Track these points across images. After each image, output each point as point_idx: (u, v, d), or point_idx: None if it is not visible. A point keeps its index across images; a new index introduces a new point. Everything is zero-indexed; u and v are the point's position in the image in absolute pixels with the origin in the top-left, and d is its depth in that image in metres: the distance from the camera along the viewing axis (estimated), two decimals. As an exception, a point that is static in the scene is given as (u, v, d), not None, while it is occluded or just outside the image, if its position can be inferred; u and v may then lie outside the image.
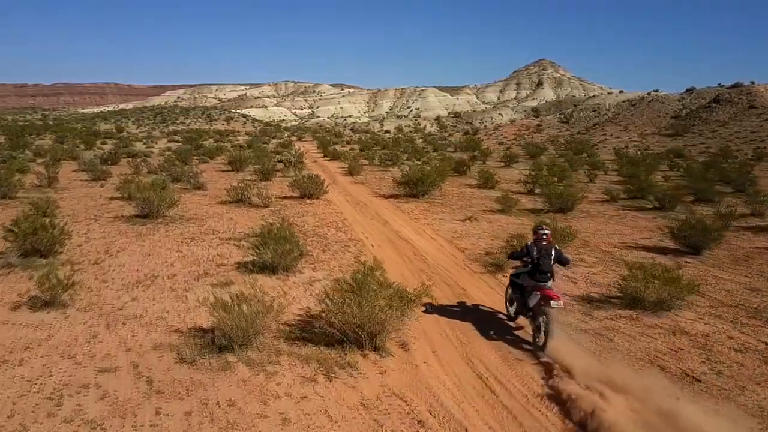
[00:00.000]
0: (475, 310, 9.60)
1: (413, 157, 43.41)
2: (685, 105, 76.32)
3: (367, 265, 8.25)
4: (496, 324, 8.93)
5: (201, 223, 16.40)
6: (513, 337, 8.45)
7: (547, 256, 8.25)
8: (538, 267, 8.25)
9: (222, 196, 21.58)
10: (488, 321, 9.04)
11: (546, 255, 8.25)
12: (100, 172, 25.52)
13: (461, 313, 9.36)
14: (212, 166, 34.21)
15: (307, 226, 16.51)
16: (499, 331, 8.63)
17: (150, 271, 11.22)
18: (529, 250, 8.34)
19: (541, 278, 8.25)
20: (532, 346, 8.00)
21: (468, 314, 9.30)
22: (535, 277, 8.29)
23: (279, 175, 28.97)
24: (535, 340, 8.01)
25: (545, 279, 8.28)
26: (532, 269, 8.35)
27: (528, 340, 8.24)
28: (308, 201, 21.06)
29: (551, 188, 21.09)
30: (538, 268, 8.25)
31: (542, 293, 7.99)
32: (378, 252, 13.50)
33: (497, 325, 8.90)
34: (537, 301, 8.03)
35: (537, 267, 8.26)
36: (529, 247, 8.38)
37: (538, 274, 8.26)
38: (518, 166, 39.19)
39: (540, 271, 8.24)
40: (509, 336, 8.46)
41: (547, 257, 8.25)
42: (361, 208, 20.44)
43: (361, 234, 15.65)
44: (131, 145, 49.11)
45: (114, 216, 17.00)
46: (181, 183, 24.71)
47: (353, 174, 31.54)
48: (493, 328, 8.68)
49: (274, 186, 24.96)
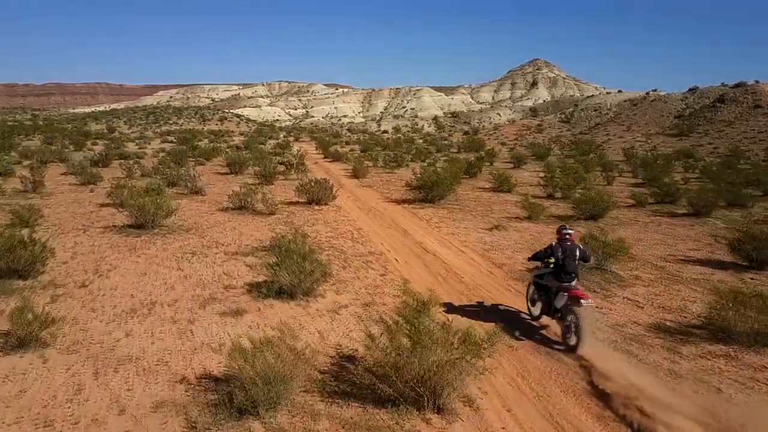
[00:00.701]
0: (537, 346, 8.04)
1: (417, 158, 41.85)
2: (689, 105, 75.13)
3: (418, 298, 6.64)
4: (570, 366, 7.36)
5: (202, 234, 14.75)
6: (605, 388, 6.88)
7: (572, 256, 8.14)
8: (563, 268, 8.12)
9: (222, 201, 19.95)
10: (561, 361, 7.48)
11: (571, 255, 8.15)
12: (89, 176, 23.78)
13: (526, 352, 7.80)
14: (209, 168, 32.50)
15: (320, 236, 14.91)
16: (580, 375, 7.08)
17: (147, 295, 9.59)
18: (554, 251, 8.20)
19: (566, 279, 8.15)
20: (563, 346, 7.82)
21: (535, 354, 7.74)
22: (560, 278, 8.17)
23: (281, 178, 27.36)
24: (566, 340, 7.85)
25: (570, 279, 8.17)
26: (556, 270, 8.20)
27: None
28: (316, 207, 19.46)
29: (582, 193, 19.57)
30: (563, 268, 8.12)
31: (570, 293, 7.88)
32: (405, 269, 11.92)
33: (571, 367, 7.34)
34: (565, 302, 7.91)
35: (562, 268, 8.13)
36: (553, 248, 8.23)
37: (563, 274, 8.14)
38: (528, 167, 37.75)
39: (565, 271, 8.13)
40: (597, 384, 6.87)
41: (572, 258, 8.14)
42: (375, 215, 18.86)
43: (381, 246, 14.06)
44: (123, 146, 47.22)
45: (104, 226, 15.32)
46: (178, 187, 23.04)
47: (359, 177, 29.95)
48: (569, 372, 7.13)
49: (277, 190, 23.34)
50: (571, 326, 7.72)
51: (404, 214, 19.07)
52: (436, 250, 13.79)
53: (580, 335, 7.52)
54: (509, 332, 8.17)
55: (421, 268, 12.10)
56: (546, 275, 8.47)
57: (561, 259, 8.12)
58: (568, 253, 8.14)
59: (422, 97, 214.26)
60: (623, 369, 7.01)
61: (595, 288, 10.67)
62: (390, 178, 30.35)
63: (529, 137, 78.16)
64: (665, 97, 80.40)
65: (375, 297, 9.82)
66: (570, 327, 7.74)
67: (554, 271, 8.25)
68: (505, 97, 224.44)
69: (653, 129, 69.26)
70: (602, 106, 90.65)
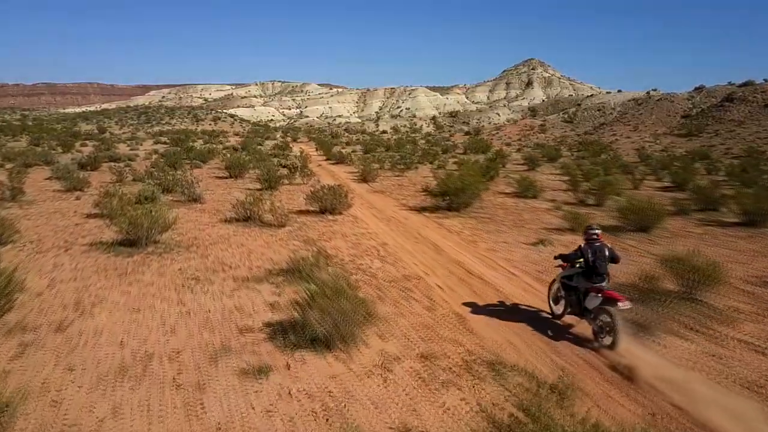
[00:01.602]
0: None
1: (425, 160, 39.84)
2: (695, 104, 73.52)
3: (544, 382, 4.61)
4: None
5: (204, 252, 12.65)
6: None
7: (602, 257, 8.06)
8: (594, 269, 8.02)
9: (224, 210, 17.86)
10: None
11: (601, 256, 8.06)
12: (75, 181, 21.58)
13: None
14: (206, 172, 30.34)
15: (342, 254, 12.86)
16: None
17: (141, 343, 7.50)
18: (584, 252, 8.11)
19: (598, 279, 8.06)
20: (597, 345, 7.75)
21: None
22: (591, 279, 8.08)
23: (285, 183, 25.25)
24: (599, 340, 7.78)
25: (601, 280, 8.07)
26: (587, 271, 8.11)
27: None
28: (330, 217, 17.39)
29: (627, 201, 17.61)
30: (594, 270, 8.03)
31: (605, 294, 7.79)
32: (454, 300, 9.88)
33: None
34: (599, 303, 7.84)
35: (593, 269, 8.03)
36: (583, 250, 8.13)
37: (594, 276, 8.06)
38: (542, 169, 35.82)
39: (596, 273, 8.05)
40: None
41: (602, 259, 8.06)
42: (397, 226, 16.83)
43: (415, 267, 12.02)
44: (114, 147, 44.82)
45: (90, 243, 13.18)
46: (173, 194, 20.90)
47: (368, 181, 27.91)
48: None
49: (283, 196, 21.26)
50: (604, 327, 7.69)
51: (429, 225, 17.04)
52: (482, 272, 11.75)
53: (615, 336, 7.45)
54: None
55: (472, 297, 10.06)
56: (575, 276, 8.32)
57: (592, 260, 8.00)
58: (599, 254, 8.02)
59: (417, 96, 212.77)
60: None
61: (692, 325, 8.69)
62: (401, 182, 28.33)
63: (533, 137, 76.31)
64: (671, 96, 78.72)
65: (431, 344, 7.78)
66: (603, 327, 7.70)
67: (584, 272, 8.13)
68: (500, 97, 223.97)
69: (660, 129, 67.59)
70: (606, 106, 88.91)
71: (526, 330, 8.45)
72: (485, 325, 8.55)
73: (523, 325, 8.67)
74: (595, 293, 7.90)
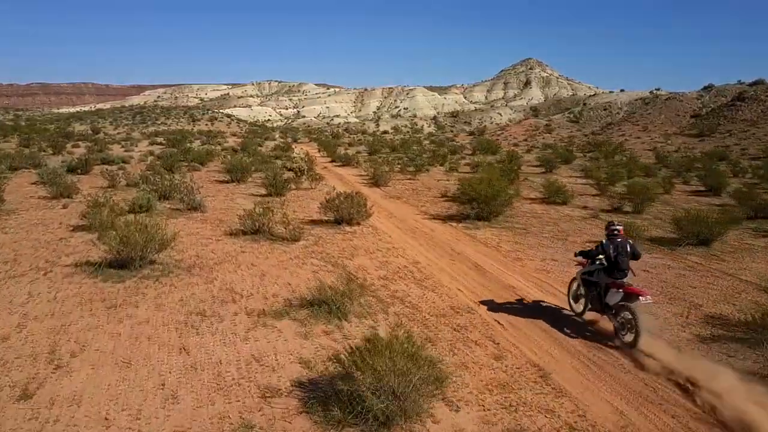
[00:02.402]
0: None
1: (435, 161, 37.96)
2: (705, 103, 71.75)
3: None
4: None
5: (209, 275, 10.73)
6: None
7: (624, 253, 7.97)
8: (616, 265, 7.95)
9: (228, 220, 15.95)
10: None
11: (623, 252, 7.97)
12: (63, 187, 19.58)
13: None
14: (205, 175, 28.36)
15: (370, 276, 10.97)
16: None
17: (131, 420, 5.59)
18: (605, 248, 8.01)
19: (619, 275, 7.96)
20: (618, 342, 7.61)
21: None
22: (612, 275, 7.97)
23: (292, 188, 23.30)
24: (620, 336, 7.67)
25: (623, 276, 7.98)
26: (609, 267, 8.03)
27: None
28: (348, 229, 15.49)
29: (687, 210, 15.74)
30: (616, 266, 7.95)
31: (626, 290, 7.77)
32: (522, 341, 7.98)
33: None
34: (620, 299, 7.79)
35: (615, 265, 7.96)
36: (604, 246, 8.04)
37: (616, 271, 7.96)
38: (560, 171, 33.96)
39: (618, 268, 7.94)
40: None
41: (624, 254, 7.97)
42: (424, 239, 14.94)
43: (461, 294, 10.12)
44: (107, 148, 42.68)
45: (75, 263, 11.23)
46: (171, 201, 18.96)
47: (380, 185, 26.00)
48: None
49: (292, 203, 19.35)
50: (625, 323, 7.61)
51: (460, 238, 15.16)
52: (544, 300, 9.86)
53: (637, 333, 7.34)
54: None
55: (546, 340, 8.14)
56: (596, 272, 8.25)
57: (614, 256, 7.94)
58: (621, 250, 7.97)
59: (415, 96, 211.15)
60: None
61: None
62: (415, 186, 26.44)
63: (540, 138, 74.42)
64: (680, 95, 76.91)
65: (516, 415, 5.89)
66: (624, 324, 7.63)
67: (606, 268, 8.05)
68: (498, 96, 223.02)
69: (670, 129, 65.84)
70: (612, 105, 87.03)
71: (634, 384, 6.57)
72: (579, 384, 6.66)
73: (629, 378, 6.78)
74: (616, 289, 7.85)
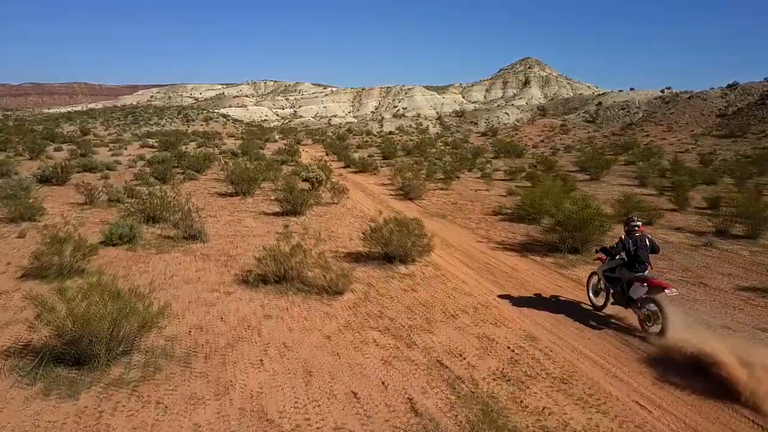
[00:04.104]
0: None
1: (462, 166, 33.77)
2: (730, 102, 67.98)
3: None
4: None
5: (220, 374, 6.55)
6: None
7: (643, 247, 8.18)
8: (636, 259, 8.14)
9: (237, 254, 11.81)
10: None
11: (642, 246, 8.18)
12: (24, 207, 15.34)
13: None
14: (204, 185, 24.16)
15: (475, 372, 6.83)
16: None
17: None
18: (625, 244, 8.23)
19: (640, 269, 8.16)
20: (645, 334, 7.77)
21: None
22: (633, 269, 8.18)
23: (310, 202, 19.10)
24: (645, 327, 7.88)
25: (644, 269, 8.16)
26: (629, 262, 8.21)
27: None
28: (402, 269, 11.33)
29: None
30: (636, 259, 8.14)
31: (650, 283, 7.88)
32: None
33: None
34: (644, 292, 7.92)
35: (636, 259, 8.14)
36: (624, 241, 8.25)
37: (636, 265, 8.18)
38: (609, 179, 29.83)
39: (638, 262, 8.16)
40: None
41: (644, 248, 8.18)
42: (510, 284, 10.78)
43: (663, 426, 6.01)
44: (92, 152, 38.19)
45: (7, 350, 7.02)
46: (163, 224, 14.77)
47: (412, 198, 21.85)
48: None
49: (315, 225, 15.22)
50: (651, 315, 7.76)
51: (560, 282, 11.03)
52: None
53: (665, 323, 7.44)
54: None
55: None
56: (617, 267, 8.40)
57: (633, 250, 8.13)
58: (640, 244, 8.14)
59: (414, 96, 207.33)
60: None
61: None
62: (453, 199, 22.31)
63: (557, 139, 70.40)
64: (703, 94, 72.98)
65: None
66: (650, 316, 7.78)
67: (627, 263, 8.22)
68: (497, 96, 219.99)
69: (696, 129, 62.01)
70: (630, 105, 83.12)
71: None
72: None
73: None
74: (639, 283, 7.97)
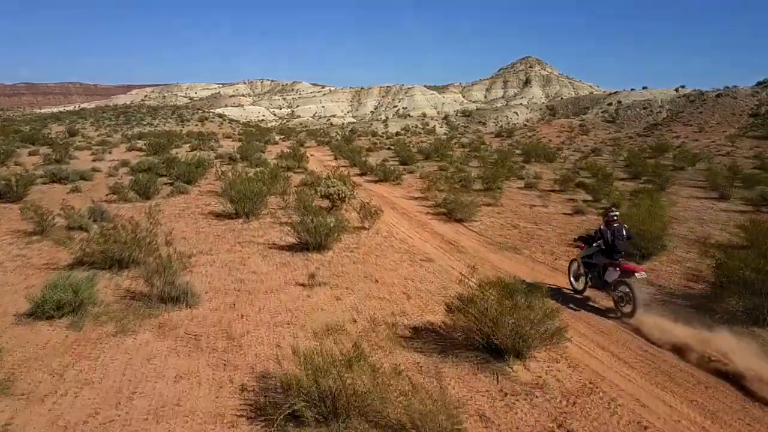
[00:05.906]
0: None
1: (500, 173, 29.09)
2: (762, 101, 63.92)
3: None
4: None
5: None
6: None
7: (621, 236, 8.85)
8: (613, 247, 8.82)
9: (245, 338, 7.23)
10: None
11: (620, 236, 8.85)
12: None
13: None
14: (195, 200, 19.49)
15: None
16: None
17: None
18: (603, 234, 8.92)
19: (617, 256, 8.85)
20: (618, 314, 8.65)
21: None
22: (610, 256, 8.86)
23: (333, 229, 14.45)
24: (619, 308, 8.67)
25: (620, 257, 8.89)
26: (607, 250, 8.89)
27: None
28: (520, 370, 6.75)
29: None
30: (613, 248, 8.82)
31: (622, 267, 8.70)
32: None
33: None
34: (617, 276, 8.69)
35: (613, 248, 8.82)
36: (602, 231, 8.94)
37: (614, 253, 8.84)
38: (676, 189, 25.24)
39: (615, 250, 8.82)
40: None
41: (621, 238, 8.85)
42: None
43: None
44: (69, 157, 33.15)
45: None
46: (136, 271, 10.15)
47: (460, 218, 17.26)
48: None
49: (346, 261, 10.64)
50: (623, 297, 8.55)
51: None
52: None
53: (635, 303, 8.25)
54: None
55: None
56: (595, 254, 9.12)
57: (611, 240, 8.82)
58: (617, 234, 8.83)
59: (414, 95, 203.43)
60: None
61: None
62: (514, 220, 17.72)
63: (578, 140, 66.01)
64: (733, 92, 68.93)
65: None
66: (623, 297, 8.56)
67: (605, 251, 8.90)
68: (498, 95, 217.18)
69: (729, 130, 57.82)
70: (652, 104, 78.84)
71: None
72: None
73: None
74: (613, 268, 8.75)
